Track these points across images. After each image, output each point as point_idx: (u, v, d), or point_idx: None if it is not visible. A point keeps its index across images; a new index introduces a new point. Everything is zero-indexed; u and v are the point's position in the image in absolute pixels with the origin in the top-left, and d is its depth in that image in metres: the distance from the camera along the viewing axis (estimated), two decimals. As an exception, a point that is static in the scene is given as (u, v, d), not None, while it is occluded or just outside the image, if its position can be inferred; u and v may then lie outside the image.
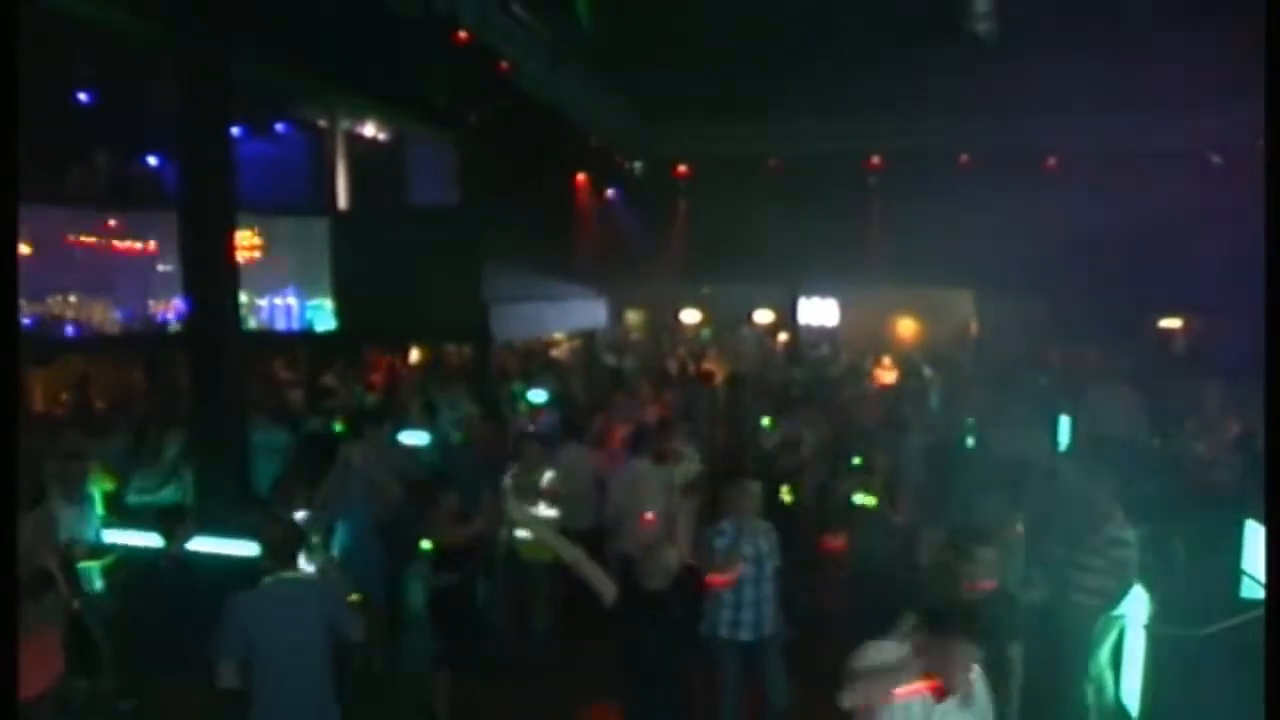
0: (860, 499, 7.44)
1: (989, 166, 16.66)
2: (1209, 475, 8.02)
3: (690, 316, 24.64)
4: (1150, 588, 6.04)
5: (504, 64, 10.69)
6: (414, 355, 17.88)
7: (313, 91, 15.11)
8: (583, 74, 13.49)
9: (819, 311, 23.81)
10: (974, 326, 22.07)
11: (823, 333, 23.36)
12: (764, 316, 24.07)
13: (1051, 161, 16.64)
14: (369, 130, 17.54)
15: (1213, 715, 5.11)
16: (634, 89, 15.37)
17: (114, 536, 6.89)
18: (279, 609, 4.86)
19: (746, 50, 13.28)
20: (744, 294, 23.35)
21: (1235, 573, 6.18)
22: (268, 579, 4.96)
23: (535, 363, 16.78)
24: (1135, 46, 12.98)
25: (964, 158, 16.68)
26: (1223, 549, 6.30)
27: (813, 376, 15.92)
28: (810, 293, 22.76)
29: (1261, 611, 5.47)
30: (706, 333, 24.28)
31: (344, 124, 17.09)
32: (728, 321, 23.98)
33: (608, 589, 4.83)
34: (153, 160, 15.49)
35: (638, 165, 17.52)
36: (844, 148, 16.96)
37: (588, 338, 21.53)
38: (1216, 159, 15.65)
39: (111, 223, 14.93)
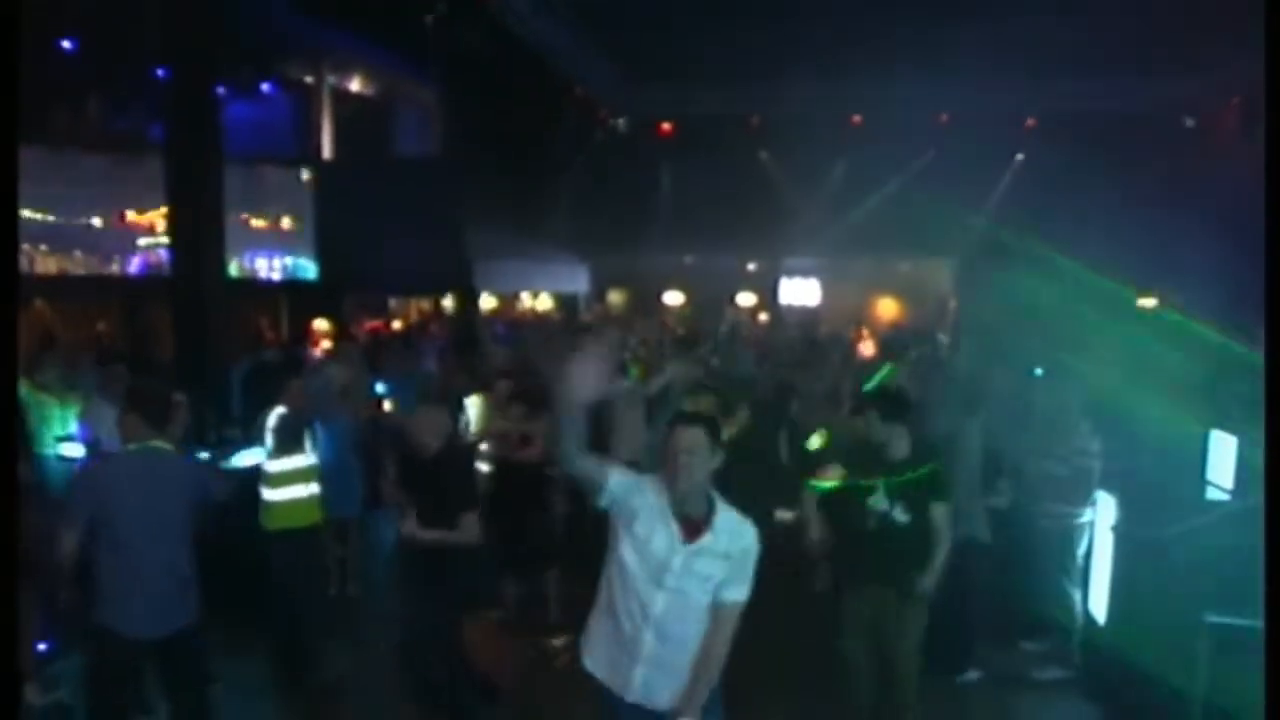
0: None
1: (968, 126, 16.78)
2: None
3: (673, 299, 24.69)
4: (1118, 494, 6.23)
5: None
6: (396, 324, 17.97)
7: (300, 34, 15.03)
8: (570, 25, 13.51)
9: (800, 291, 23.98)
10: (953, 304, 22.16)
11: (804, 313, 23.47)
12: (746, 299, 24.17)
13: (1030, 122, 16.79)
14: (355, 85, 17.57)
15: (1177, 612, 5.27)
16: (620, 45, 15.40)
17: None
18: (134, 477, 4.56)
19: (730, 7, 13.38)
20: (726, 274, 23.39)
21: (1201, 480, 6.38)
22: (131, 445, 4.65)
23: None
24: (1116, 8, 13.14)
25: (944, 116, 16.82)
26: (1189, 459, 6.50)
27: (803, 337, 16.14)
28: (791, 256, 22.80)
29: (1224, 512, 5.70)
30: (685, 314, 24.36)
31: (330, 79, 17.14)
32: (709, 303, 24.00)
33: None
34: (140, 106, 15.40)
35: (621, 122, 17.56)
36: (826, 106, 17.03)
37: (570, 301, 21.69)
38: (1190, 122, 15.82)
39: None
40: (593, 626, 3.66)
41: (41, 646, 5.60)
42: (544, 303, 21.94)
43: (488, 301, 18.24)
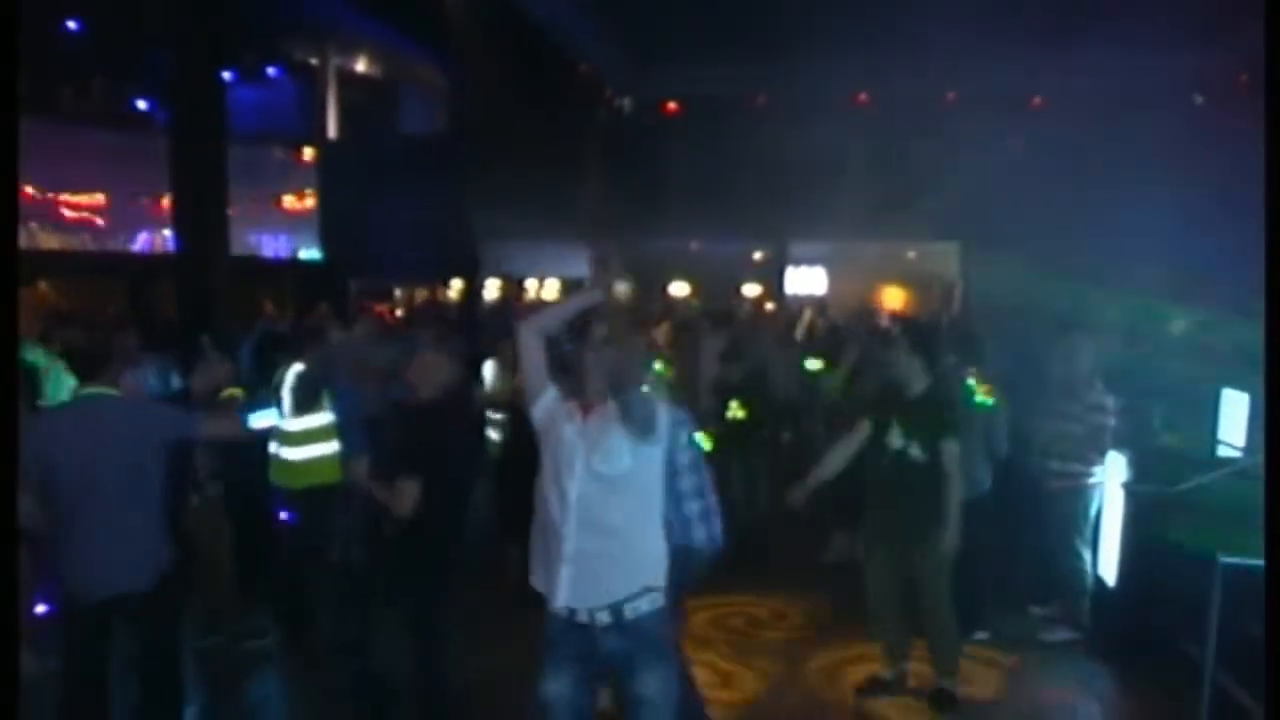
0: None
1: (975, 105, 16.65)
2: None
3: (679, 289, 24.59)
4: (1128, 451, 6.16)
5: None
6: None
7: (304, 15, 14.97)
8: (576, 3, 13.43)
9: (807, 280, 23.86)
10: (958, 291, 21.95)
11: (811, 302, 23.35)
12: (752, 290, 24.06)
13: (1037, 100, 16.64)
14: (360, 66, 17.52)
15: (1184, 568, 5.20)
16: (626, 23, 15.29)
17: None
18: (76, 428, 4.14)
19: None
20: (731, 264, 23.23)
21: (1213, 438, 6.31)
22: (76, 394, 4.34)
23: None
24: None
25: (950, 95, 16.69)
26: (1201, 418, 6.43)
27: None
28: (797, 241, 22.66)
29: (1235, 469, 5.62)
30: (695, 305, 24.25)
31: (335, 61, 17.09)
32: (715, 294, 23.86)
33: None
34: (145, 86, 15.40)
35: (627, 102, 17.46)
36: (829, 83, 16.89)
37: (577, 288, 21.56)
38: (1199, 99, 15.65)
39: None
40: (531, 551, 3.68)
41: (42, 609, 5.57)
42: (550, 292, 21.85)
43: (493, 291, 18.14)
